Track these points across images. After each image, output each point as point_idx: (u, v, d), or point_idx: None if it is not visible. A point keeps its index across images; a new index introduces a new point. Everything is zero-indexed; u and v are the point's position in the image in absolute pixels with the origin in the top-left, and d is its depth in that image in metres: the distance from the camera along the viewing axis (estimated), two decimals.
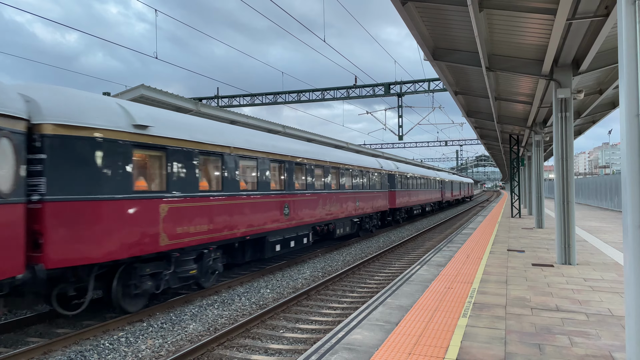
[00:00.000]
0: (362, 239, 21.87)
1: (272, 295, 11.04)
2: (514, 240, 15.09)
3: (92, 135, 7.85)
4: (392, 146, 70.05)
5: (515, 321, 6.26)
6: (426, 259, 11.62)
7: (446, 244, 14.40)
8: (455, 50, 11.48)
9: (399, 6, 8.42)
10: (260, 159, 12.77)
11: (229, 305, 10.09)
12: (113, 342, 7.69)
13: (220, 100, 33.66)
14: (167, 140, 9.31)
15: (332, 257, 16.51)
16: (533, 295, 7.71)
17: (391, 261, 15.89)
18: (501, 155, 43.24)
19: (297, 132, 22.50)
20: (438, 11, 9.26)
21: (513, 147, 25.73)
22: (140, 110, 9.02)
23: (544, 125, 19.56)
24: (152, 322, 8.72)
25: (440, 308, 6.94)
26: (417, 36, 10.01)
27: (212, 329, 8.48)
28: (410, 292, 7.99)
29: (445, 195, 46.80)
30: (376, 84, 29.01)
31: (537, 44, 10.02)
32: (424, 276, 9.38)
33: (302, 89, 31.12)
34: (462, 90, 16.35)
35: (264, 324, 8.72)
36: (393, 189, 27.17)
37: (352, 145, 30.34)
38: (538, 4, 7.96)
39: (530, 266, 10.43)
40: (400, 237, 23.39)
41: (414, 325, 6.11)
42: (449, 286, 8.41)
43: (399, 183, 28.13)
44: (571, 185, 10.56)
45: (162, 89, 14.46)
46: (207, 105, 16.58)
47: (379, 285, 12.04)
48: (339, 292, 11.38)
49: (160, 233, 8.96)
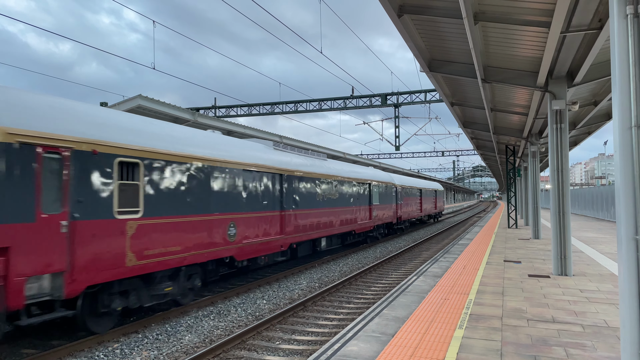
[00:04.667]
0: (359, 249, 21.84)
1: (269, 306, 10.99)
2: (511, 251, 15.09)
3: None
4: (389, 156, 70.19)
5: (511, 332, 6.25)
6: (423, 269, 11.61)
7: (443, 255, 14.40)
8: (451, 62, 11.57)
9: (395, 18, 8.49)
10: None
11: (224, 316, 10.03)
12: (108, 353, 7.63)
13: (217, 110, 33.73)
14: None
15: (329, 268, 16.46)
16: (529, 307, 7.70)
17: (388, 272, 15.86)
18: (498, 166, 43.38)
19: (294, 142, 22.55)
20: (434, 23, 9.35)
21: (509, 157, 25.83)
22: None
23: (540, 136, 19.66)
24: (148, 334, 8.67)
25: (437, 319, 6.93)
26: (413, 48, 10.09)
27: (207, 341, 8.43)
28: (407, 303, 7.97)
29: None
30: (373, 94, 29.14)
31: (532, 56, 10.12)
32: (421, 287, 9.37)
33: (298, 100, 31.23)
34: (458, 101, 16.45)
35: (260, 335, 8.67)
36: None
37: (348, 156, 30.40)
38: (532, 17, 8.05)
39: (527, 277, 10.43)
40: (397, 247, 23.36)
41: (410, 336, 6.09)
42: (445, 297, 8.40)
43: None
44: (567, 196, 10.60)
45: (158, 99, 14.49)
46: (205, 116, 16.61)
47: (375, 296, 12.01)
48: (336, 303, 11.34)
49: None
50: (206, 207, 10.64)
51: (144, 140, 9.16)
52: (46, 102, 7.67)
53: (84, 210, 7.69)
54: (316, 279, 14.41)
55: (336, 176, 18.76)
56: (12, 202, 6.69)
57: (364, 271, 15.16)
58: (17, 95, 7.24)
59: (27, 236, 6.82)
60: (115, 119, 8.91)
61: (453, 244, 18.09)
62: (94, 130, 8.15)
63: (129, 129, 9.01)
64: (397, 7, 8.45)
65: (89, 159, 7.90)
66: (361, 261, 18.37)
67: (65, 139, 7.51)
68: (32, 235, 6.88)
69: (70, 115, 7.92)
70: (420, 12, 8.63)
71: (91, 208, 7.83)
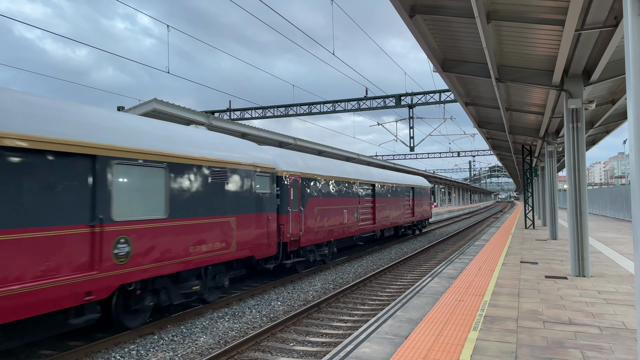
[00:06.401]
0: (375, 250, 21.77)
1: (283, 307, 11.03)
2: (527, 252, 14.91)
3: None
4: (404, 157, 69.95)
5: (526, 335, 6.18)
6: (437, 271, 11.54)
7: (458, 256, 14.29)
8: (464, 62, 11.49)
9: (407, 19, 8.47)
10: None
11: (239, 317, 10.09)
12: (124, 354, 7.73)
13: (232, 113, 33.97)
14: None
15: (344, 269, 16.45)
16: (545, 308, 7.61)
17: (403, 273, 15.79)
18: (514, 166, 42.93)
19: (308, 144, 22.57)
20: (446, 23, 9.30)
21: (526, 157, 25.54)
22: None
23: (557, 136, 19.41)
24: (163, 335, 8.76)
25: (451, 321, 6.88)
26: (425, 48, 10.05)
27: (222, 342, 8.48)
28: (421, 305, 7.93)
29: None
30: (387, 95, 29.06)
31: (546, 55, 10.00)
32: (435, 289, 9.31)
33: (312, 101, 31.29)
34: (472, 101, 16.32)
35: (274, 337, 8.70)
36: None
37: (363, 157, 30.34)
38: (546, 15, 7.97)
39: (543, 278, 10.30)
40: (412, 248, 23.24)
41: (423, 338, 6.06)
42: (460, 299, 8.34)
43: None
44: (584, 196, 10.45)
45: (173, 103, 14.63)
46: (219, 119, 16.73)
47: (390, 298, 11.97)
48: (350, 305, 11.32)
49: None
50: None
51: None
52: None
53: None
54: (330, 280, 14.41)
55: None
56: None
57: (379, 272, 15.11)
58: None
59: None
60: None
61: (469, 245, 17.95)
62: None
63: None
64: (409, 7, 8.43)
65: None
66: (376, 262, 18.31)
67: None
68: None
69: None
70: (432, 12, 8.60)
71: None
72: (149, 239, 8.61)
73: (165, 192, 9.16)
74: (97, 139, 7.74)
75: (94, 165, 7.63)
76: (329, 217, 16.67)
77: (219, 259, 10.50)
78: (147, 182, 8.76)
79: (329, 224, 16.56)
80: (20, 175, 6.53)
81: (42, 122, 6.92)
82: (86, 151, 7.48)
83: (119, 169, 8.13)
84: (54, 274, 6.85)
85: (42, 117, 6.97)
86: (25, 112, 6.76)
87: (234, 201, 11.14)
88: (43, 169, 6.84)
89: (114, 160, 8.00)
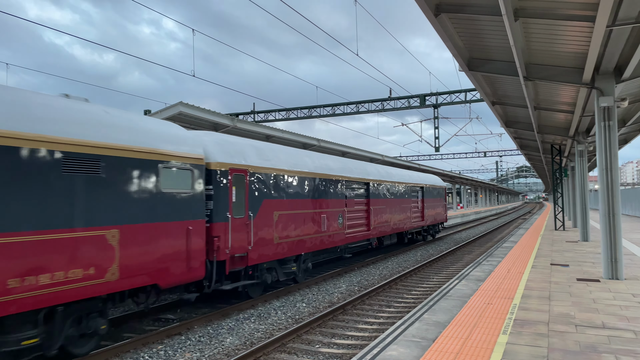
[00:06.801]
0: (399, 252, 21.59)
1: (308, 309, 11.02)
2: (558, 254, 14.57)
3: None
4: (429, 158, 69.33)
5: (558, 339, 6.02)
6: (465, 273, 11.37)
7: (486, 258, 14.05)
8: (491, 60, 11.30)
9: (432, 18, 8.38)
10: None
11: (265, 319, 10.13)
12: (152, 355, 7.84)
13: (256, 115, 34.21)
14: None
15: (369, 271, 16.36)
16: (578, 312, 7.40)
17: (429, 275, 15.61)
18: (543, 166, 42.03)
19: (332, 145, 22.55)
20: (472, 22, 9.16)
21: (555, 157, 24.97)
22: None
23: (587, 135, 18.92)
24: (190, 336, 8.85)
25: (479, 324, 6.75)
26: (451, 47, 9.92)
27: (248, 343, 8.52)
28: (448, 308, 7.81)
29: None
30: (411, 95, 28.83)
31: (576, 52, 9.76)
32: (463, 291, 9.17)
33: (335, 103, 31.26)
34: (499, 100, 16.05)
35: (300, 339, 8.70)
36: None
37: (387, 158, 30.15)
38: (576, 11, 7.77)
39: (575, 281, 10.04)
40: (439, 250, 22.97)
41: (451, 342, 5.96)
42: (488, 302, 8.19)
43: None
44: (616, 196, 10.15)
45: (199, 106, 14.81)
46: (244, 121, 16.86)
47: (416, 300, 11.84)
48: (376, 307, 11.25)
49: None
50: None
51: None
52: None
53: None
54: (356, 282, 14.35)
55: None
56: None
57: (405, 275, 14.98)
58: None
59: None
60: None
61: (497, 246, 17.64)
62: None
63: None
64: (434, 6, 8.34)
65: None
66: (402, 264, 18.16)
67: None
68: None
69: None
70: (458, 11, 8.48)
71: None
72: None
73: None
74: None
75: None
76: (298, 225, 13.01)
77: (82, 294, 7.03)
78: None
79: (297, 234, 12.94)
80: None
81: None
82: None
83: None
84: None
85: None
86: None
87: (117, 206, 7.68)
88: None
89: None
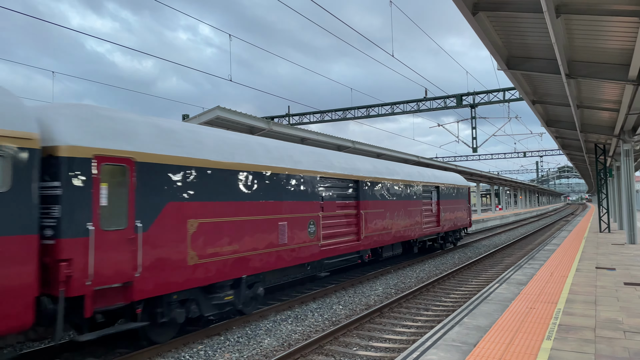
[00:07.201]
0: (436, 255, 21.29)
1: (345, 311, 11.01)
2: (603, 257, 14.05)
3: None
4: (466, 159, 68.15)
5: (606, 345, 5.80)
6: (505, 276, 11.11)
7: (527, 261, 13.69)
8: (531, 59, 11.03)
9: (469, 17, 8.25)
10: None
11: (302, 320, 10.17)
12: (193, 354, 8.00)
13: (291, 118, 34.46)
14: None
15: (405, 274, 16.20)
16: (626, 317, 7.12)
17: (468, 279, 15.33)
18: (586, 166, 40.62)
19: (367, 147, 22.48)
20: (511, 19, 8.97)
21: (599, 157, 24.11)
22: None
23: (634, 133, 18.17)
24: (229, 336, 8.98)
25: (522, 329, 6.59)
26: (489, 46, 9.74)
27: (286, 345, 8.58)
28: (489, 312, 7.65)
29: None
30: (447, 95, 28.42)
31: (621, 48, 9.40)
32: (503, 295, 8.96)
33: (370, 104, 31.12)
34: (540, 99, 15.63)
35: (337, 341, 8.70)
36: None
37: (423, 159, 29.83)
38: (620, 7, 7.49)
39: (622, 285, 9.66)
40: (477, 253, 22.53)
41: (493, 347, 5.84)
42: (531, 306, 7.97)
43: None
44: None
45: (235, 110, 15.02)
46: (279, 124, 17.02)
47: (455, 304, 11.65)
48: (413, 310, 11.13)
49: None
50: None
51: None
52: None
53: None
54: (392, 285, 14.23)
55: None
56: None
57: (442, 278, 14.76)
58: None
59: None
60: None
61: (538, 249, 17.17)
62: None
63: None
64: (472, 4, 8.21)
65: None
66: (439, 267, 17.90)
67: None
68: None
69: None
70: (496, 9, 8.32)
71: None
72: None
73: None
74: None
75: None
76: (235, 238, 9.36)
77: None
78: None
79: (233, 250, 9.30)
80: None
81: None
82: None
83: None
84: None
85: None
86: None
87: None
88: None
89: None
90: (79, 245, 6.65)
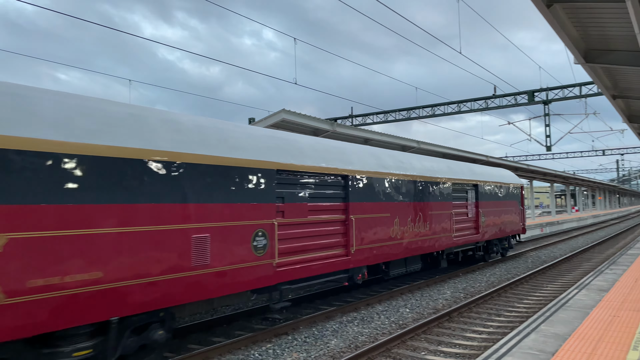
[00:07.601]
0: (507, 259, 20.45)
1: (412, 315, 10.82)
2: None
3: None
4: (538, 157, 65.04)
5: None
6: (584, 282, 10.49)
7: (608, 266, 12.85)
8: (611, 51, 10.35)
9: (543, 9, 7.86)
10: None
11: (368, 323, 10.12)
12: (262, 353, 8.17)
13: (354, 119, 34.41)
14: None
15: (475, 278, 15.69)
16: None
17: (542, 284, 14.61)
18: None
19: (432, 147, 22.00)
20: (589, 10, 8.46)
21: None
22: None
23: None
24: (297, 336, 9.10)
25: (605, 339, 6.18)
26: (565, 39, 9.24)
27: (352, 346, 8.56)
28: (568, 319, 7.25)
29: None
30: (518, 92, 27.26)
31: None
32: (583, 302, 8.45)
33: (435, 103, 30.43)
34: (621, 93, 14.63)
35: (405, 345, 8.57)
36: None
37: (492, 159, 28.76)
38: None
39: None
40: (551, 256, 21.43)
41: (573, 356, 5.52)
42: (614, 314, 7.47)
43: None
44: None
45: (299, 112, 15.20)
46: (342, 125, 17.04)
47: (529, 310, 11.13)
48: (484, 315, 10.75)
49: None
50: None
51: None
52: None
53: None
54: (461, 289, 13.83)
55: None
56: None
57: (514, 282, 14.15)
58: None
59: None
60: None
61: (620, 254, 16.06)
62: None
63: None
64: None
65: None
66: (510, 271, 17.19)
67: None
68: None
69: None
70: (572, 0, 7.88)
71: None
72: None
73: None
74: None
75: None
76: (94, 258, 5.84)
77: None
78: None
79: (92, 277, 5.82)
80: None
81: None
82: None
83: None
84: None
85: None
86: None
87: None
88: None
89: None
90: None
